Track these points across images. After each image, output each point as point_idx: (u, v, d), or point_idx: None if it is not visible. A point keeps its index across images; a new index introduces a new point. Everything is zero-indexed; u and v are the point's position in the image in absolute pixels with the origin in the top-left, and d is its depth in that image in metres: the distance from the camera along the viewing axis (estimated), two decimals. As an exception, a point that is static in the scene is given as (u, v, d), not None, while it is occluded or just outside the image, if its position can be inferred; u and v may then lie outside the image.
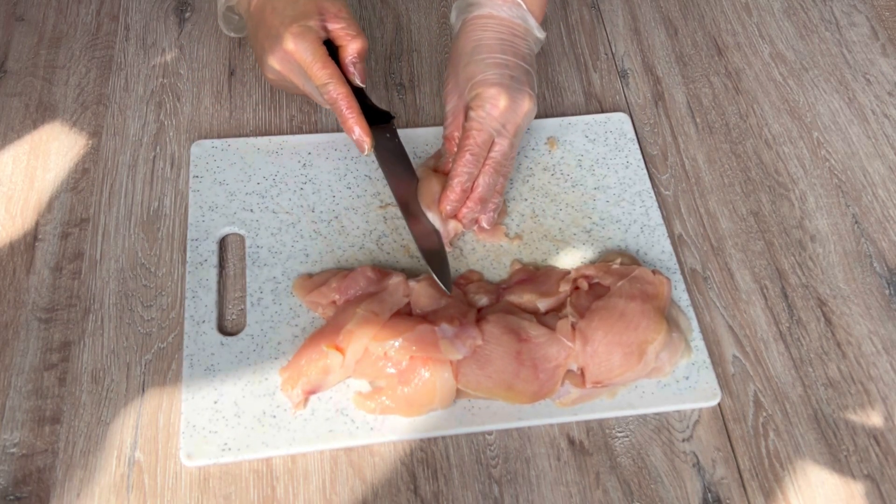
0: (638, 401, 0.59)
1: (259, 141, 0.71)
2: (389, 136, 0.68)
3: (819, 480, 0.57)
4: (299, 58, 0.63)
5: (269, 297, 0.62)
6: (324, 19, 0.64)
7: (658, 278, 0.61)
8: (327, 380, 0.57)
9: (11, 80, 0.75)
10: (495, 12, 0.66)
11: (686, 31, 0.83)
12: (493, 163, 0.63)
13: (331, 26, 0.64)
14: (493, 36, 0.65)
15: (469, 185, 0.63)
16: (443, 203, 0.63)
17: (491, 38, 0.65)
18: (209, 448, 0.55)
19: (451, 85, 0.66)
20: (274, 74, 0.67)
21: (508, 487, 0.56)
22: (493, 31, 0.65)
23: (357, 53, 0.65)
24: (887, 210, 0.71)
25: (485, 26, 0.66)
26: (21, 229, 0.65)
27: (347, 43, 0.64)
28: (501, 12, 0.66)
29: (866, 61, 0.81)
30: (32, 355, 0.59)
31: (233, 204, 0.67)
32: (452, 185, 0.63)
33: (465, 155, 0.62)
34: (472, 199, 0.63)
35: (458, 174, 0.62)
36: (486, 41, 0.65)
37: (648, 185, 0.70)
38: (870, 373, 0.62)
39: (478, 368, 0.57)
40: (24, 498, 0.54)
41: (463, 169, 0.62)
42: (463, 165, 0.62)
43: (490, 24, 0.65)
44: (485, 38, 0.65)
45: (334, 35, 0.65)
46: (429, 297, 0.60)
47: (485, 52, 0.65)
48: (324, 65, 0.63)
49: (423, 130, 0.72)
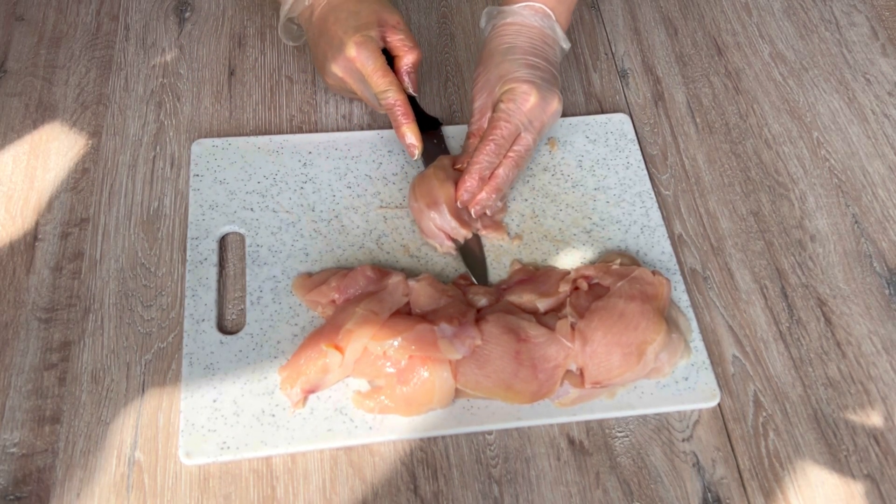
0: (637, 401, 0.59)
1: (260, 140, 0.71)
2: (437, 141, 0.71)
3: (819, 480, 0.57)
4: (360, 65, 0.66)
5: (269, 296, 0.62)
6: (383, 30, 0.68)
7: (658, 279, 0.61)
8: (326, 379, 0.57)
9: (11, 80, 0.75)
10: (527, 21, 0.68)
11: (686, 31, 0.83)
12: (516, 156, 0.65)
13: (389, 38, 0.68)
14: (525, 41, 0.68)
15: (487, 173, 0.64)
16: (460, 189, 0.64)
17: (524, 42, 0.68)
18: (208, 446, 0.55)
19: (481, 83, 0.68)
20: (334, 80, 0.69)
21: (508, 487, 0.56)
22: (526, 37, 0.68)
23: (412, 64, 0.69)
24: (887, 210, 0.71)
25: (518, 32, 0.68)
26: (21, 229, 0.65)
27: (404, 54, 0.68)
28: (533, 21, 0.68)
29: (866, 61, 0.81)
30: (32, 355, 0.59)
31: (233, 203, 0.67)
32: (472, 171, 0.64)
33: (490, 144, 0.64)
34: (489, 187, 0.64)
35: (478, 161, 0.64)
36: (520, 44, 0.68)
37: (649, 185, 0.70)
38: (870, 373, 0.62)
39: (477, 368, 0.57)
40: (24, 498, 0.54)
41: (484, 157, 0.64)
42: (485, 154, 0.64)
43: (522, 30, 0.68)
44: (518, 41, 0.68)
45: (392, 45, 0.68)
46: (428, 296, 0.60)
47: (518, 54, 0.67)
48: (384, 73, 0.66)
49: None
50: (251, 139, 0.71)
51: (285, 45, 0.79)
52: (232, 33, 0.80)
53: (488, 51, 0.69)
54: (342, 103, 0.75)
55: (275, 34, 0.80)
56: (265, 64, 0.78)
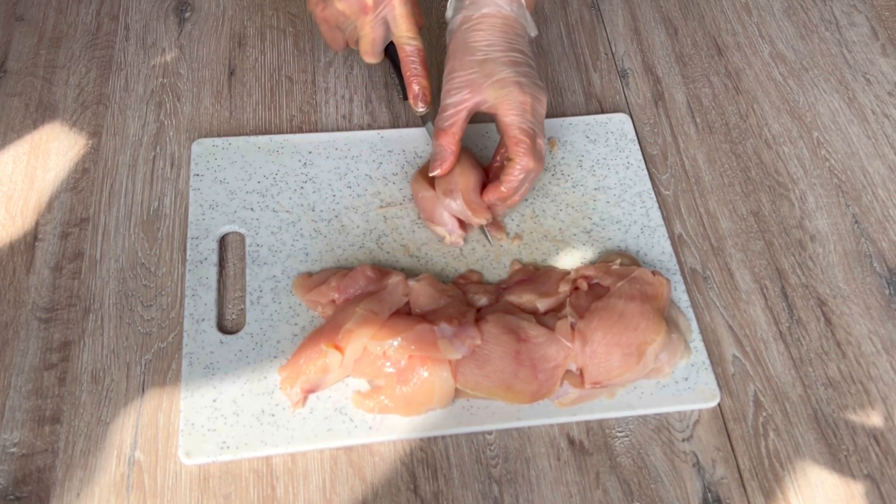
0: (637, 401, 0.59)
1: (260, 140, 0.71)
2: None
3: (819, 480, 0.57)
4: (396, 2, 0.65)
5: (269, 296, 0.62)
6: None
7: (658, 279, 0.61)
8: (326, 379, 0.57)
9: (11, 80, 0.75)
10: (502, 10, 0.66)
11: (686, 31, 0.83)
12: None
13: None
14: (501, 35, 0.66)
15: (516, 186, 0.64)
16: (489, 195, 0.64)
17: (501, 37, 0.66)
18: (207, 446, 0.55)
19: (459, 80, 0.65)
20: (331, 11, 0.68)
21: (508, 487, 0.56)
22: (501, 31, 0.66)
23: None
24: (887, 210, 0.71)
25: (493, 25, 0.66)
26: (21, 229, 0.65)
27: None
28: (506, 10, 0.66)
29: (866, 61, 0.81)
30: (32, 355, 0.59)
31: (233, 202, 0.67)
32: (504, 188, 0.63)
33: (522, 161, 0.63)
34: (517, 195, 0.65)
35: (511, 180, 0.63)
36: (497, 40, 0.66)
37: (649, 185, 0.70)
38: (870, 373, 0.62)
39: (476, 368, 0.57)
40: (24, 498, 0.54)
41: (518, 175, 0.63)
42: (519, 171, 0.63)
43: (497, 23, 0.66)
44: (495, 36, 0.66)
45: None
46: (428, 296, 0.60)
47: (499, 51, 0.65)
48: (416, 20, 0.67)
49: (422, 130, 0.72)
50: (251, 139, 0.71)
51: (285, 45, 0.79)
52: (232, 33, 0.80)
53: (463, 44, 0.65)
54: (342, 103, 0.75)
55: (275, 34, 0.80)
56: (265, 64, 0.78)
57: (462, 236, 0.65)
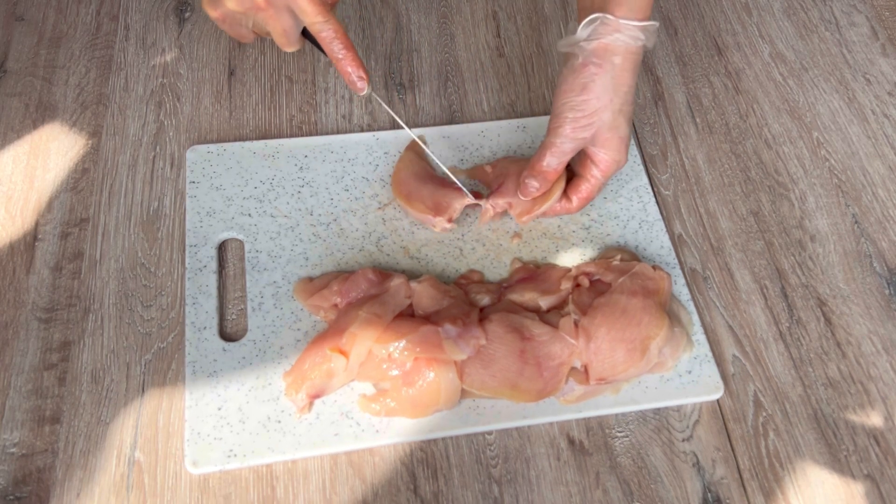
0: (641, 396, 0.59)
1: (255, 145, 0.71)
2: None
3: (819, 480, 0.57)
4: None
5: (270, 302, 0.62)
6: None
7: (658, 274, 0.61)
8: (331, 383, 0.57)
9: (11, 80, 0.75)
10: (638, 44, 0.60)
11: (686, 31, 0.83)
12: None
13: None
14: (634, 76, 0.61)
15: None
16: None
17: (633, 79, 0.61)
18: (214, 455, 0.55)
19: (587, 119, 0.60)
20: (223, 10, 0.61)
21: (508, 487, 0.56)
22: (634, 72, 0.61)
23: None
24: (887, 210, 0.71)
25: (635, 64, 0.60)
26: (21, 229, 0.65)
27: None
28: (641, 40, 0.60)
29: (866, 61, 0.81)
30: (32, 355, 0.59)
31: (230, 209, 0.67)
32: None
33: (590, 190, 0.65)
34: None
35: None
36: (632, 82, 0.61)
37: (645, 180, 0.70)
38: (870, 373, 0.62)
39: (482, 368, 0.57)
40: (24, 498, 0.54)
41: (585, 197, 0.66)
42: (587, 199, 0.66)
43: (636, 61, 0.61)
44: (632, 78, 0.61)
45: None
46: (430, 297, 0.60)
47: (629, 104, 0.61)
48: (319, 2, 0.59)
49: (419, 132, 0.72)
50: (246, 144, 0.71)
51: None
52: (232, 33, 0.79)
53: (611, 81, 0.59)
54: (342, 103, 0.75)
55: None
56: (265, 64, 0.78)
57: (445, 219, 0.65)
